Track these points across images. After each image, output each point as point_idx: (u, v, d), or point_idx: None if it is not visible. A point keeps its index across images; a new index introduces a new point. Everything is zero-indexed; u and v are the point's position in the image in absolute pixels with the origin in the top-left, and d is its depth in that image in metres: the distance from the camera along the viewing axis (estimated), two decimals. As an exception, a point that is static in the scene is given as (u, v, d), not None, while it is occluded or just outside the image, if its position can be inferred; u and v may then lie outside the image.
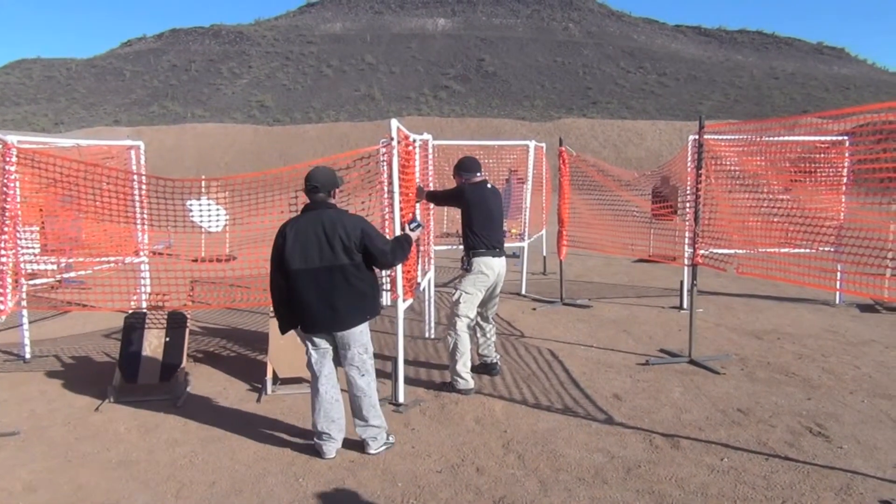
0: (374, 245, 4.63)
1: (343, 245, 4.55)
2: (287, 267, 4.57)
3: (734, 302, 9.81)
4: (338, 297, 4.58)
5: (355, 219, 4.71)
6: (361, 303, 4.68)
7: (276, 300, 4.73)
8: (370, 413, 4.80)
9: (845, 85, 77.89)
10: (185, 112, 67.13)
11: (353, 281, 4.61)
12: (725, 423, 5.31)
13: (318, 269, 4.54)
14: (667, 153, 45.16)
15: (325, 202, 4.71)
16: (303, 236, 4.57)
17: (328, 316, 4.60)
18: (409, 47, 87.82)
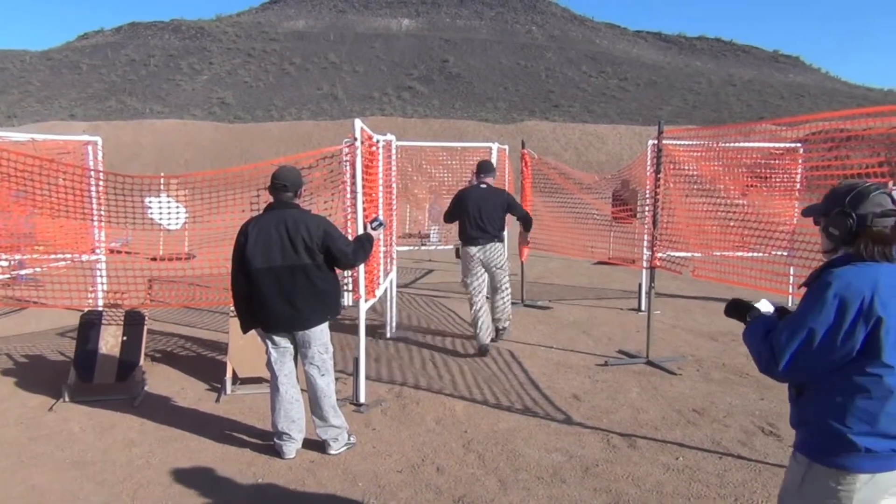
0: (335, 246, 4.62)
1: (305, 245, 4.53)
2: (248, 265, 4.54)
3: (691, 304, 10.00)
4: (299, 297, 4.56)
5: (318, 219, 4.71)
6: (322, 302, 4.67)
7: (238, 299, 4.69)
8: (330, 413, 4.79)
9: (800, 93, 79.81)
10: (144, 108, 66.03)
11: (314, 281, 4.59)
12: (681, 422, 5.42)
13: (279, 267, 4.52)
14: (627, 157, 45.74)
15: (290, 202, 4.69)
16: (265, 235, 4.55)
17: (289, 315, 4.58)
18: (373, 47, 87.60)
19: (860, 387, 2.27)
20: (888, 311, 2.22)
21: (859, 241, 2.35)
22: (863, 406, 2.27)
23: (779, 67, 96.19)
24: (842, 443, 2.30)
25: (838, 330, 2.26)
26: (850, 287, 2.27)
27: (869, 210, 2.34)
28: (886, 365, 2.23)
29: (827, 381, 2.35)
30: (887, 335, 2.22)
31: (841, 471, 2.31)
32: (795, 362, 2.37)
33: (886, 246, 2.33)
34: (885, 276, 2.28)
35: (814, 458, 2.39)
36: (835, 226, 2.43)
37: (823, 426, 2.35)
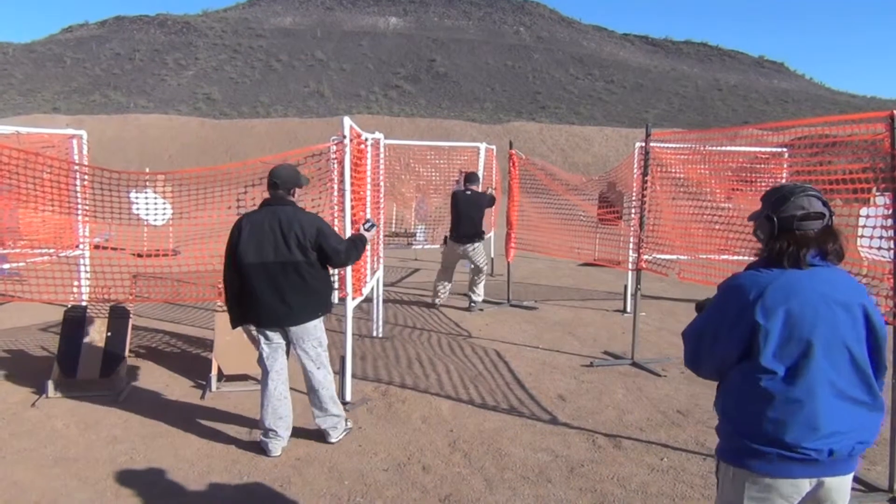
0: (328, 244, 4.64)
1: (298, 242, 4.56)
2: (241, 260, 4.56)
3: (675, 306, 10.06)
4: (290, 293, 4.59)
5: (311, 217, 4.76)
6: (314, 299, 4.70)
7: (229, 294, 4.72)
8: (329, 403, 4.88)
9: (784, 98, 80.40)
10: (128, 102, 65.42)
11: (306, 278, 4.62)
12: (665, 423, 5.45)
13: (271, 263, 4.54)
14: (614, 159, 45.90)
15: (283, 199, 4.73)
16: (258, 231, 4.57)
17: (280, 311, 4.60)
18: (360, 45, 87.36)
19: (745, 388, 2.32)
20: (772, 317, 2.24)
21: (772, 244, 2.37)
22: (748, 408, 2.30)
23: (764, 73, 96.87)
24: (732, 441, 2.36)
25: (719, 330, 2.35)
26: (737, 289, 2.33)
27: (790, 213, 2.35)
28: (765, 369, 2.26)
29: (726, 379, 2.42)
30: (766, 340, 2.25)
31: (737, 469, 2.35)
32: (693, 357, 2.51)
33: (804, 249, 2.31)
34: (782, 284, 2.27)
35: (718, 454, 2.47)
36: (761, 229, 2.47)
37: (722, 423, 2.43)
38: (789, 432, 2.22)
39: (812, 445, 2.21)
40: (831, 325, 2.26)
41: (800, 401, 2.22)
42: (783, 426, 2.23)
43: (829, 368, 2.24)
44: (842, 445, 2.23)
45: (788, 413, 2.23)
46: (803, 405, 2.22)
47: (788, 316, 2.24)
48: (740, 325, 2.29)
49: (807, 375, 2.23)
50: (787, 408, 2.23)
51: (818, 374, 2.23)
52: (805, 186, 2.40)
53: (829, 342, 2.25)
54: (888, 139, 4.23)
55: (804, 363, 2.24)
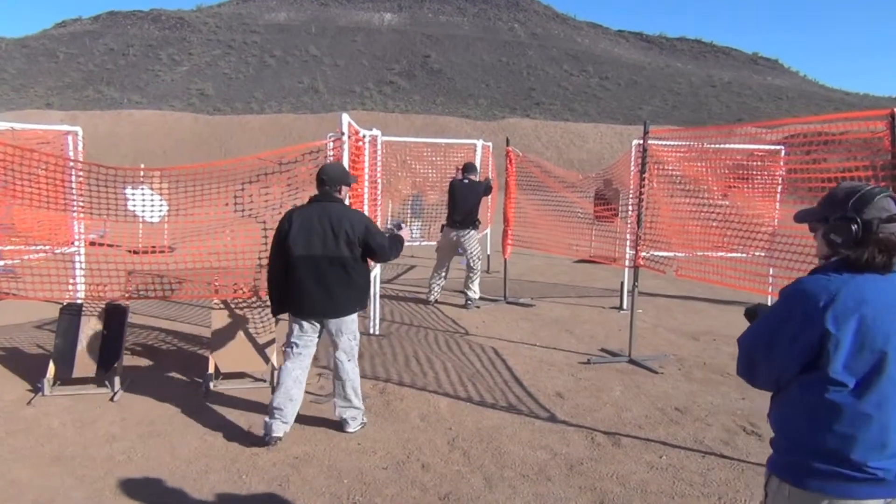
0: (375, 241, 4.87)
1: (347, 238, 4.77)
2: (290, 252, 4.76)
3: (671, 303, 10.07)
4: (335, 286, 4.80)
5: (360, 214, 5.06)
6: (356, 294, 4.94)
7: (272, 284, 4.95)
8: (352, 395, 5.06)
9: (778, 95, 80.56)
10: (122, 98, 65.12)
11: (351, 273, 4.83)
12: (664, 421, 5.46)
13: (319, 257, 4.75)
14: (608, 156, 45.93)
15: (331, 195, 4.93)
16: (308, 224, 4.78)
17: (324, 303, 4.82)
18: (355, 41, 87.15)
19: (808, 401, 2.17)
20: (844, 325, 2.09)
21: (863, 249, 2.18)
22: (811, 422, 2.16)
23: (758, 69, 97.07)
24: (791, 456, 2.22)
25: (782, 338, 2.20)
26: (804, 294, 2.18)
27: (874, 215, 2.20)
28: (834, 381, 2.10)
29: (786, 391, 2.27)
30: (836, 350, 2.09)
31: (794, 487, 2.20)
32: (748, 366, 2.35)
33: (891, 253, 2.17)
34: (854, 290, 2.12)
35: (771, 468, 2.32)
36: (836, 232, 2.27)
37: (779, 438, 2.30)
38: (856, 449, 2.07)
39: (879, 464, 2.07)
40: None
41: (869, 415, 2.07)
42: (850, 442, 2.08)
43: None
44: None
45: (856, 428, 2.07)
46: (872, 420, 2.07)
47: (861, 324, 2.08)
48: (807, 334, 2.13)
49: (878, 388, 2.07)
50: (856, 423, 2.08)
51: (889, 387, 2.08)
52: (883, 188, 2.26)
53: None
54: (888, 137, 4.24)
55: (876, 375, 2.08)
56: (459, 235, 9.56)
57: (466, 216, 9.56)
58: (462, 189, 9.59)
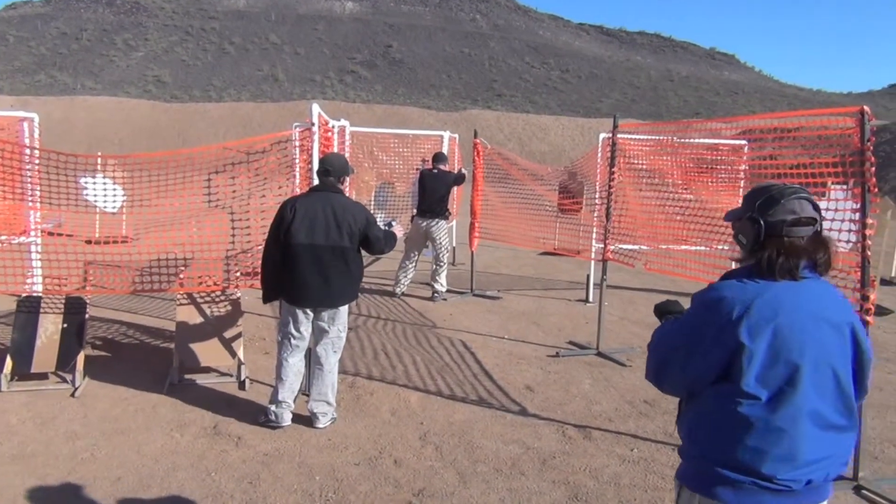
0: (373, 232, 4.92)
1: (350, 229, 4.82)
2: (291, 240, 4.77)
3: (636, 296, 10.16)
4: (334, 276, 4.83)
5: (361, 206, 5.09)
6: (352, 285, 4.99)
7: (267, 271, 4.93)
8: (329, 390, 5.03)
9: (735, 90, 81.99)
10: (75, 83, 63.56)
11: (349, 263, 4.88)
12: (634, 414, 5.50)
13: (321, 246, 4.78)
14: (570, 148, 46.28)
15: (334, 186, 4.96)
16: (311, 214, 4.80)
17: (323, 292, 4.85)
18: (315, 29, 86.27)
19: (720, 413, 2.09)
20: (758, 337, 2.02)
21: (762, 253, 2.11)
22: (722, 434, 2.08)
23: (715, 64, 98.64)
24: (700, 466, 2.15)
25: (695, 347, 2.11)
26: (719, 303, 2.08)
27: (780, 217, 2.10)
28: (747, 394, 2.03)
29: (697, 399, 2.19)
30: (750, 363, 2.02)
31: (704, 497, 2.13)
32: (658, 372, 2.26)
33: (796, 259, 2.08)
34: (770, 299, 2.04)
35: (682, 479, 2.24)
36: (743, 233, 2.21)
37: (689, 447, 2.22)
38: (767, 463, 2.02)
39: (789, 476, 2.02)
40: (820, 345, 2.05)
41: (781, 430, 2.01)
42: (761, 456, 2.02)
43: (814, 394, 2.03)
44: (818, 474, 2.06)
45: (768, 442, 2.02)
46: (784, 434, 2.01)
47: (775, 336, 2.02)
48: (721, 345, 2.05)
49: (791, 402, 2.02)
50: (767, 436, 2.02)
51: (803, 401, 2.02)
52: (796, 188, 2.15)
53: (817, 365, 2.04)
54: (857, 134, 4.30)
55: (789, 389, 2.02)
56: (429, 225, 9.51)
57: (435, 205, 9.52)
58: (431, 178, 9.56)
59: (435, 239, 9.58)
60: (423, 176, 9.70)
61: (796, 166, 5.72)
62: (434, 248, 9.65)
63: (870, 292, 4.28)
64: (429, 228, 9.54)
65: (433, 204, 9.51)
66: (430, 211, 9.52)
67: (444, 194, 9.62)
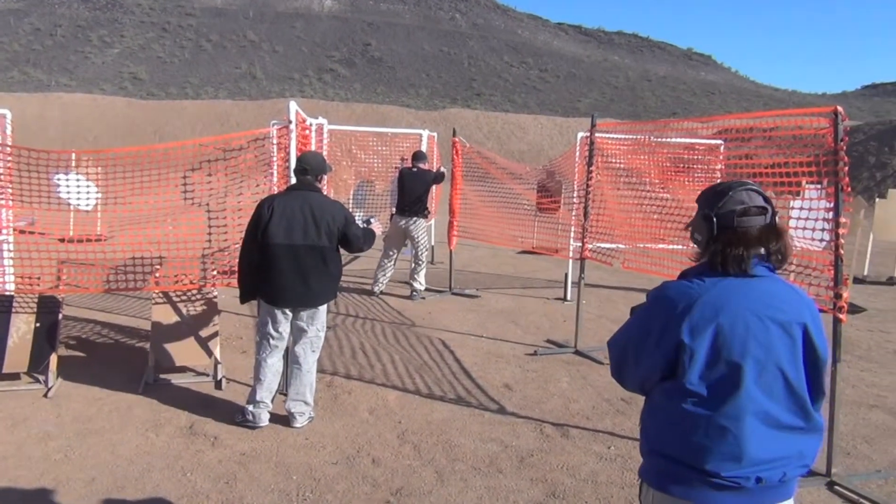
0: (351, 231, 4.90)
1: (328, 228, 4.79)
2: (269, 240, 4.73)
3: (613, 294, 10.22)
4: (313, 276, 4.81)
5: (339, 205, 5.05)
6: (331, 284, 4.97)
7: (245, 270, 4.89)
8: (307, 390, 5.01)
9: (711, 90, 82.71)
10: (50, 80, 62.75)
11: (328, 262, 4.86)
12: (611, 412, 5.52)
13: (299, 246, 4.74)
14: (548, 147, 46.43)
15: (312, 184, 4.93)
16: (289, 213, 4.76)
17: (302, 292, 4.82)
18: (294, 27, 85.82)
19: (667, 410, 2.12)
20: (699, 336, 2.04)
21: (712, 247, 2.13)
22: (670, 430, 2.12)
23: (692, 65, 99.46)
24: (654, 462, 2.18)
25: (643, 345, 2.15)
26: (665, 301, 2.13)
27: (730, 208, 2.13)
28: (690, 391, 2.06)
29: (650, 396, 2.23)
30: (691, 361, 2.05)
31: (658, 492, 2.16)
32: (616, 370, 2.31)
33: (747, 249, 2.10)
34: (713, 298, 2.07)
35: (640, 474, 2.30)
36: (698, 231, 2.24)
37: (644, 443, 2.25)
38: (710, 460, 2.03)
39: (734, 474, 2.02)
40: (765, 345, 2.04)
41: (725, 428, 2.02)
42: (704, 453, 2.03)
43: (760, 394, 2.03)
44: (771, 474, 2.04)
45: (711, 440, 2.03)
46: (727, 432, 2.02)
47: (717, 334, 2.03)
48: (665, 342, 2.08)
49: (734, 401, 2.02)
50: (710, 434, 2.03)
51: (746, 400, 2.02)
52: (744, 181, 2.18)
53: (762, 365, 2.04)
54: (831, 134, 4.35)
55: (731, 388, 2.03)
56: (408, 223, 9.50)
57: (415, 204, 9.50)
58: (410, 177, 9.53)
59: (414, 237, 9.55)
60: (402, 175, 9.65)
61: (772, 166, 5.77)
62: (413, 246, 9.63)
63: (843, 290, 4.34)
64: (408, 227, 9.52)
65: (412, 202, 9.48)
66: (409, 209, 9.49)
67: (423, 193, 9.60)
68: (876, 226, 12.73)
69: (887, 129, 34.40)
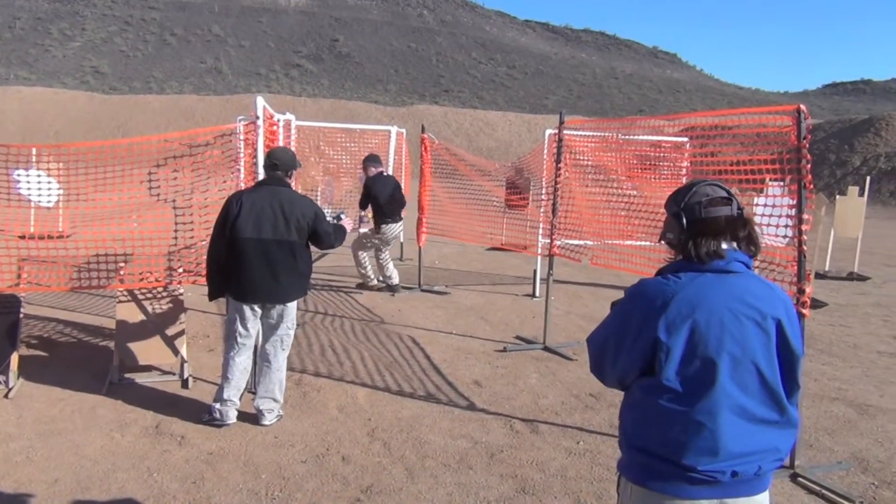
0: (322, 227, 4.88)
1: (298, 223, 4.75)
2: (236, 235, 4.68)
3: (581, 290, 10.29)
4: (282, 271, 4.76)
5: (308, 200, 5.02)
6: (300, 281, 4.94)
7: (212, 265, 4.83)
8: (276, 388, 4.98)
9: (677, 88, 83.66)
10: (8, 73, 61.43)
11: (297, 258, 4.82)
12: (579, 407, 5.56)
13: (269, 241, 4.69)
14: (517, 144, 46.58)
15: (282, 180, 4.89)
16: (258, 208, 4.70)
17: (271, 288, 4.77)
18: (260, 21, 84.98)
19: (644, 405, 2.16)
20: (675, 333, 2.08)
21: (688, 240, 2.18)
22: (647, 425, 2.16)
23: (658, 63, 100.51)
24: (632, 457, 2.21)
25: (620, 342, 2.19)
26: (641, 298, 2.18)
27: (696, 200, 2.20)
28: (666, 388, 2.09)
29: (629, 392, 2.27)
30: (667, 358, 2.09)
31: (636, 486, 2.20)
32: (596, 367, 2.35)
33: (715, 238, 2.16)
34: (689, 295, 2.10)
35: (618, 468, 2.33)
36: (669, 229, 2.29)
37: (623, 438, 2.28)
38: (687, 454, 2.06)
39: (711, 468, 2.06)
40: (740, 341, 2.08)
41: (700, 423, 2.05)
42: (681, 448, 2.07)
43: (736, 389, 2.08)
44: (747, 468, 2.08)
45: (687, 435, 2.06)
46: (703, 428, 2.05)
47: (693, 331, 2.07)
48: (642, 339, 2.12)
49: (709, 397, 2.06)
50: (687, 429, 2.06)
51: (722, 395, 2.06)
52: (707, 179, 2.27)
53: (737, 360, 2.08)
54: (794, 132, 4.42)
55: (707, 383, 2.07)
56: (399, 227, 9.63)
57: (401, 206, 9.60)
58: (390, 183, 9.52)
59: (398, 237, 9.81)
60: (381, 182, 9.38)
61: (736, 163, 5.85)
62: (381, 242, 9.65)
63: (806, 286, 4.41)
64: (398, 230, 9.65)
65: (401, 206, 9.56)
66: (399, 214, 9.54)
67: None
68: (836, 222, 13.00)
69: (847, 128, 35.14)
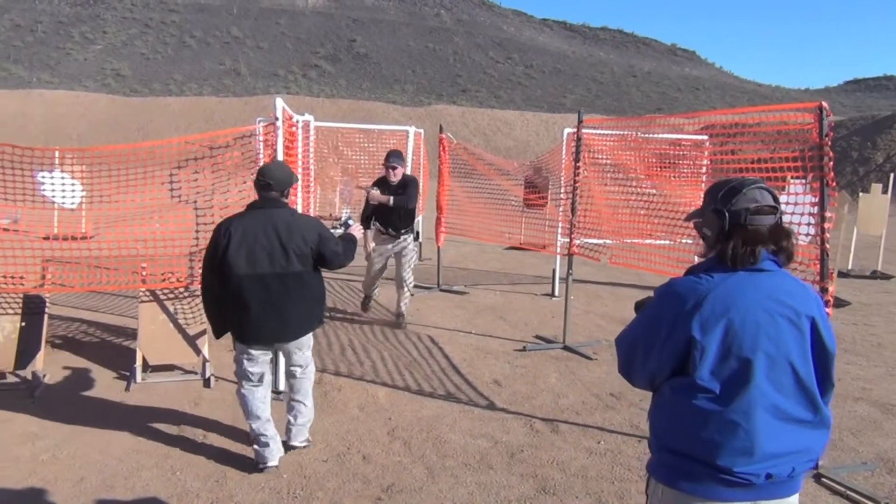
0: (328, 249, 4.24)
1: (299, 250, 4.11)
2: (229, 271, 4.02)
3: (601, 290, 10.25)
4: (289, 308, 4.15)
5: (312, 222, 4.36)
6: (312, 311, 4.33)
7: (209, 304, 4.25)
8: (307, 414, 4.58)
9: (696, 86, 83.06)
10: (31, 77, 62.10)
11: (305, 288, 4.19)
12: (600, 407, 5.54)
13: (268, 275, 4.06)
14: (534, 143, 46.50)
15: (277, 201, 4.22)
16: (251, 238, 4.05)
17: (275, 327, 4.16)
18: (278, 23, 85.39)
19: (677, 406, 2.12)
20: (709, 332, 2.05)
21: (727, 243, 2.14)
22: (680, 426, 2.12)
23: (676, 60, 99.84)
24: (664, 458, 2.19)
25: (652, 342, 2.16)
26: (674, 297, 2.14)
27: (742, 206, 2.15)
28: (701, 387, 2.06)
29: (659, 392, 2.23)
30: (702, 357, 2.06)
31: (667, 488, 2.17)
32: (625, 367, 2.31)
33: (758, 246, 2.12)
34: (723, 293, 2.08)
35: (648, 469, 2.29)
36: (708, 226, 2.25)
37: (654, 439, 2.25)
38: (722, 455, 2.03)
39: (746, 469, 2.03)
40: (775, 340, 2.06)
41: (735, 423, 2.02)
42: (716, 448, 2.04)
43: (771, 388, 2.05)
44: (781, 469, 2.05)
45: (722, 435, 2.03)
46: (738, 428, 2.02)
47: (728, 330, 2.05)
48: (675, 338, 2.09)
49: (745, 396, 2.03)
50: (722, 429, 2.03)
51: (757, 394, 2.03)
52: (756, 179, 2.20)
53: (773, 359, 2.05)
54: (816, 129, 4.38)
55: (742, 383, 2.04)
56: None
57: None
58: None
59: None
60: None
61: (757, 161, 5.80)
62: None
63: (829, 284, 4.38)
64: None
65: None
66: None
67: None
68: (859, 220, 12.86)
69: (870, 124, 34.73)
